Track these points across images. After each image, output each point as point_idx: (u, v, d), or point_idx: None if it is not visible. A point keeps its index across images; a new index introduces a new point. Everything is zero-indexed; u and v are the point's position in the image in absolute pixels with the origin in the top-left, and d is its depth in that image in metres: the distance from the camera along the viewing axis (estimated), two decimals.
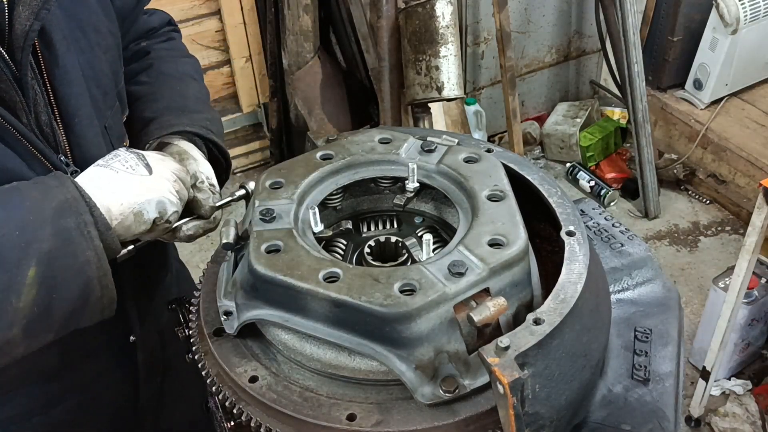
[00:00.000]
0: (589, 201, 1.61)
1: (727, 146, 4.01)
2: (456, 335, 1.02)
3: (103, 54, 1.37)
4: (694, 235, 4.02)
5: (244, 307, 1.13)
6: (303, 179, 1.25)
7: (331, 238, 1.27)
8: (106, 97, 1.38)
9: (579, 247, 1.14)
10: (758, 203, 2.36)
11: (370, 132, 1.38)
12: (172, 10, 3.83)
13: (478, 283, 1.03)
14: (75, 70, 1.28)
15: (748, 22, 3.83)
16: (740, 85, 4.20)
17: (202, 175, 1.34)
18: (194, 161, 1.36)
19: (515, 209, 1.15)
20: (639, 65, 3.88)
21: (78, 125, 1.29)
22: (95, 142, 1.32)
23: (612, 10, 3.92)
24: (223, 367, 1.13)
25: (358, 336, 1.02)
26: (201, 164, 1.36)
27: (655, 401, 1.17)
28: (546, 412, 0.99)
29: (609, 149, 4.54)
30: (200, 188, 1.32)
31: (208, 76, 4.20)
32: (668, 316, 1.32)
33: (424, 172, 1.29)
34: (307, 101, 3.86)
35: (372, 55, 3.70)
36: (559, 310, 1.02)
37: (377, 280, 1.02)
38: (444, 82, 3.14)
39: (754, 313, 2.98)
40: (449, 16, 3.09)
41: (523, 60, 4.57)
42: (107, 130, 1.38)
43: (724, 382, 3.13)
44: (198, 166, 1.35)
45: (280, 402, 1.06)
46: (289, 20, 3.72)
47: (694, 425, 2.99)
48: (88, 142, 1.31)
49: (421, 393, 1.01)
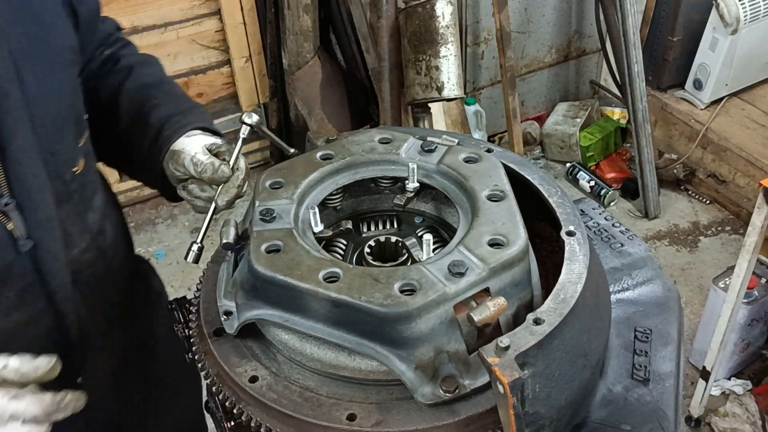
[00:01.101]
0: (589, 201, 1.61)
1: (727, 146, 4.01)
2: (456, 335, 1.02)
3: (62, 70, 1.31)
4: (694, 235, 4.02)
5: (244, 307, 1.13)
6: (303, 179, 1.25)
7: (331, 238, 1.27)
8: (57, 118, 1.29)
9: (579, 247, 1.14)
10: (758, 203, 2.36)
11: (370, 132, 1.38)
12: (172, 10, 3.86)
13: (478, 283, 1.03)
14: (14, 93, 1.18)
15: (748, 22, 3.83)
16: (740, 85, 4.20)
17: (214, 146, 1.43)
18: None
19: (515, 209, 1.15)
20: (639, 65, 3.88)
21: (14, 152, 1.20)
22: (34, 170, 1.23)
23: (612, 10, 3.92)
24: (223, 367, 1.13)
25: (358, 336, 1.02)
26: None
27: (655, 401, 1.17)
28: (546, 412, 0.99)
29: (609, 149, 4.54)
30: (205, 167, 1.37)
31: (207, 76, 4.20)
32: (668, 316, 1.32)
33: (424, 172, 1.29)
34: (307, 101, 3.86)
35: (372, 55, 3.70)
36: (559, 310, 1.02)
37: (377, 280, 1.02)
38: (444, 82, 3.14)
39: (754, 313, 2.98)
40: (449, 16, 3.09)
41: (523, 60, 4.57)
42: (54, 156, 1.29)
43: (724, 382, 3.13)
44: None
45: (280, 402, 1.06)
46: (289, 20, 3.72)
47: (694, 425, 2.99)
48: (25, 169, 1.22)
49: (421, 393, 1.01)
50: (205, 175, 1.36)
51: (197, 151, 1.39)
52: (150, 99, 1.51)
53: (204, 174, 1.36)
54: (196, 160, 1.37)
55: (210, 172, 1.35)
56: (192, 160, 1.37)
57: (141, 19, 3.82)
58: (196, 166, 1.36)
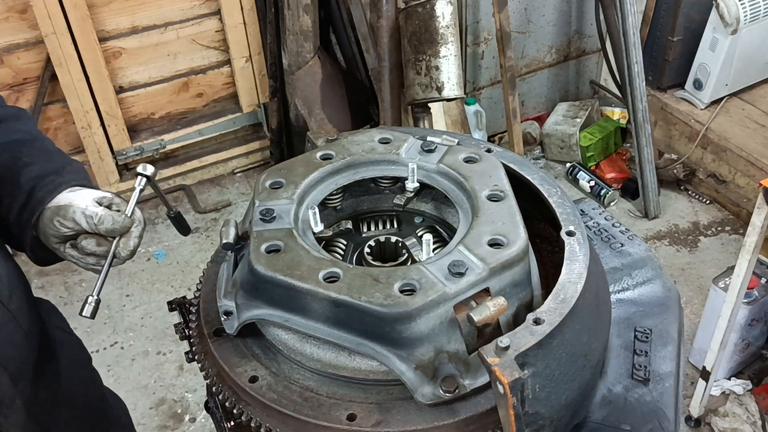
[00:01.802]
0: (589, 201, 1.61)
1: (727, 146, 4.01)
2: (456, 335, 1.02)
3: None
4: (694, 235, 4.02)
5: (244, 307, 1.13)
6: (303, 179, 1.25)
7: (331, 238, 1.27)
8: None
9: (579, 247, 1.14)
10: (758, 203, 2.36)
11: (370, 132, 1.38)
12: (172, 10, 3.87)
13: (478, 283, 1.03)
14: None
15: (748, 22, 3.83)
16: (740, 85, 4.20)
17: (105, 199, 1.36)
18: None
19: (515, 209, 1.15)
20: (639, 65, 3.88)
21: None
22: None
23: (612, 10, 3.92)
24: (223, 367, 1.13)
25: (358, 336, 1.02)
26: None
27: (655, 401, 1.17)
28: (546, 412, 0.99)
29: (609, 149, 4.54)
30: (102, 219, 1.31)
31: (207, 76, 4.20)
32: (668, 316, 1.32)
33: (424, 172, 1.29)
34: (307, 101, 3.86)
35: (372, 55, 3.70)
36: (559, 310, 1.02)
37: (377, 280, 1.02)
38: (444, 82, 3.14)
39: (754, 313, 2.97)
40: (449, 16, 3.09)
41: (523, 60, 4.57)
42: None
43: (724, 382, 3.13)
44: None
45: (280, 402, 1.06)
46: (289, 20, 3.72)
47: (694, 425, 2.99)
48: None
49: (421, 393, 1.01)
50: (102, 227, 1.30)
51: (88, 204, 1.32)
52: (20, 157, 1.40)
53: (101, 225, 1.30)
54: (89, 212, 1.30)
55: (109, 223, 1.30)
56: (84, 213, 1.30)
57: (141, 19, 3.82)
58: (91, 218, 1.30)
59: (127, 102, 4.05)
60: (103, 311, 1.69)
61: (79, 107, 3.79)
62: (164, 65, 4.04)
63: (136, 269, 3.81)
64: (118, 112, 3.97)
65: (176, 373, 3.30)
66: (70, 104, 3.76)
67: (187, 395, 3.21)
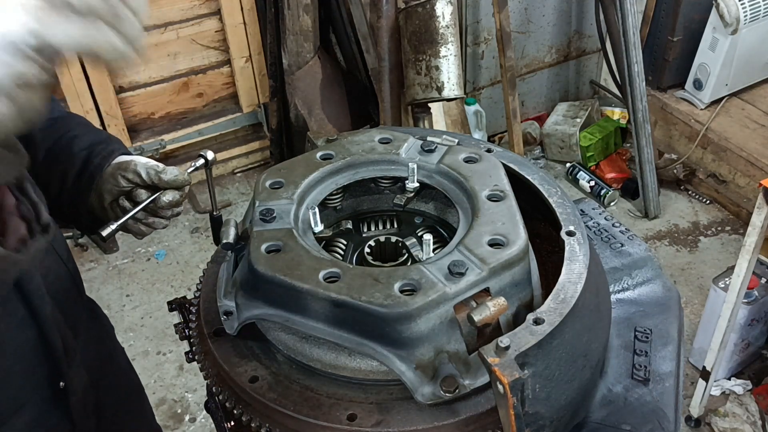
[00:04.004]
0: (589, 201, 1.61)
1: (727, 146, 4.01)
2: (456, 335, 1.02)
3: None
4: (694, 235, 4.02)
5: (244, 306, 1.13)
6: (303, 179, 1.25)
7: (331, 238, 1.27)
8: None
9: (579, 247, 1.14)
10: (758, 203, 2.36)
11: (370, 132, 1.38)
12: (172, 10, 3.87)
13: (478, 283, 1.03)
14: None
15: (748, 22, 3.83)
16: (740, 85, 4.20)
17: (160, 165, 1.45)
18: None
19: (515, 209, 1.15)
20: (639, 65, 3.88)
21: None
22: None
23: (612, 10, 3.92)
24: (223, 368, 1.13)
25: (358, 336, 1.02)
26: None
27: (655, 401, 1.17)
28: (546, 412, 0.99)
29: (609, 149, 4.54)
30: (165, 170, 1.42)
31: (207, 76, 4.21)
32: (668, 316, 1.32)
33: (424, 172, 1.29)
34: (307, 101, 3.86)
35: (372, 55, 3.71)
36: (559, 310, 1.02)
37: (377, 280, 1.02)
38: (444, 82, 3.14)
39: (754, 313, 2.98)
40: (449, 16, 3.09)
41: (523, 60, 4.57)
42: None
43: (724, 382, 3.13)
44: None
45: (280, 402, 1.06)
46: (289, 20, 3.72)
47: (694, 425, 2.99)
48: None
49: (421, 393, 1.01)
50: (165, 176, 1.40)
51: (148, 161, 1.44)
52: (67, 131, 1.51)
53: (164, 175, 1.40)
54: (152, 164, 1.41)
55: (172, 175, 1.40)
56: (146, 165, 1.41)
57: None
58: (153, 169, 1.40)
59: (127, 102, 4.06)
60: (103, 311, 1.73)
61: (79, 107, 3.79)
62: (164, 65, 4.04)
63: (136, 269, 3.81)
64: (118, 112, 3.98)
65: (176, 373, 3.30)
66: (71, 104, 3.76)
67: (187, 395, 3.21)
